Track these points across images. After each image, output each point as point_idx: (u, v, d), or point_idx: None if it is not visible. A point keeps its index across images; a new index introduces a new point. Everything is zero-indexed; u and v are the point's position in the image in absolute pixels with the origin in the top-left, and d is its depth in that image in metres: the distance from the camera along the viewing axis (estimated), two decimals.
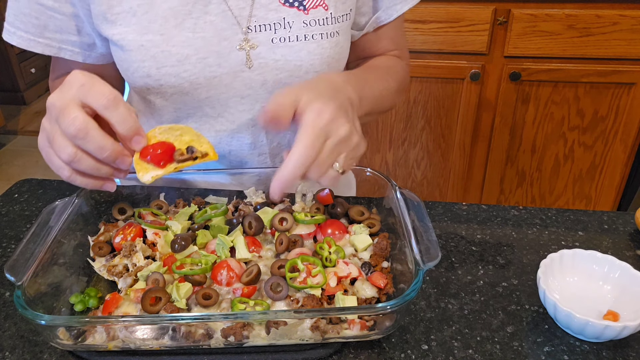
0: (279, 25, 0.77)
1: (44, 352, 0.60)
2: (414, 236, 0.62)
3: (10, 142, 3.16)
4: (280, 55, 0.79)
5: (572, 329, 0.60)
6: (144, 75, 0.77)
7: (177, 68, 0.76)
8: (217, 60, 0.77)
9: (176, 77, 0.77)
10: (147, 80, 0.78)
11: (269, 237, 0.71)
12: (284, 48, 0.79)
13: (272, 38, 0.78)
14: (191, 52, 0.76)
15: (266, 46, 0.78)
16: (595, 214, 0.82)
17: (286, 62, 0.79)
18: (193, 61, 0.77)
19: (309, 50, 0.79)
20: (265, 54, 0.79)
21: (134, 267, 0.66)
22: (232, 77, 0.79)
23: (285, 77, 0.80)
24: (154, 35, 0.74)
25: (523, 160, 1.80)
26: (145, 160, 0.60)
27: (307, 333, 0.57)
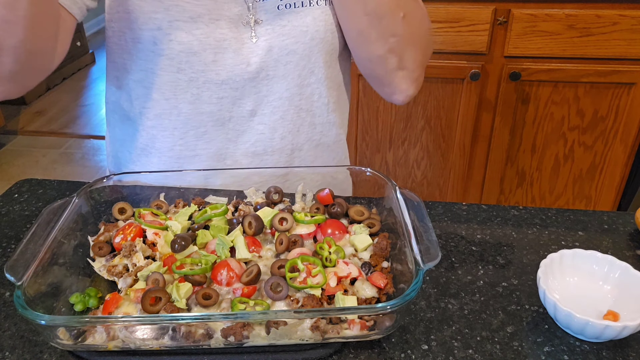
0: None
1: (44, 352, 0.60)
2: (414, 236, 0.62)
3: (10, 142, 3.16)
4: (287, 21, 0.81)
5: (572, 329, 0.60)
6: (154, 28, 0.77)
7: (190, 24, 0.77)
8: (227, 24, 0.78)
9: (187, 34, 0.77)
10: (156, 34, 0.77)
11: (269, 237, 0.71)
12: (290, 14, 0.81)
13: (277, 5, 0.80)
14: (204, 12, 0.77)
15: (272, 13, 0.80)
16: (595, 214, 0.82)
17: (292, 27, 0.81)
18: (206, 20, 0.77)
19: (314, 16, 0.81)
20: (272, 21, 0.80)
21: (134, 267, 0.66)
22: (240, 43, 0.80)
23: (291, 43, 0.82)
24: None
25: (523, 160, 1.80)
26: None
27: (307, 333, 0.57)
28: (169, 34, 0.77)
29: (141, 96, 0.86)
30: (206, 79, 0.82)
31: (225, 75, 0.82)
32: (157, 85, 0.84)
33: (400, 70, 0.83)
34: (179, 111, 0.86)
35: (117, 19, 0.80)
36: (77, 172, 2.84)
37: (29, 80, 0.76)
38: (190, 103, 0.85)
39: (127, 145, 0.94)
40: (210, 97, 0.84)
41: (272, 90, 0.86)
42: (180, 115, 0.86)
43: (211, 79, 0.82)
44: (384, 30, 0.78)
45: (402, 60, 0.82)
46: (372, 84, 0.90)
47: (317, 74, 0.87)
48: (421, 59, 0.85)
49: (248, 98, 0.85)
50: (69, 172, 2.83)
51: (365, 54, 0.84)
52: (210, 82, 0.83)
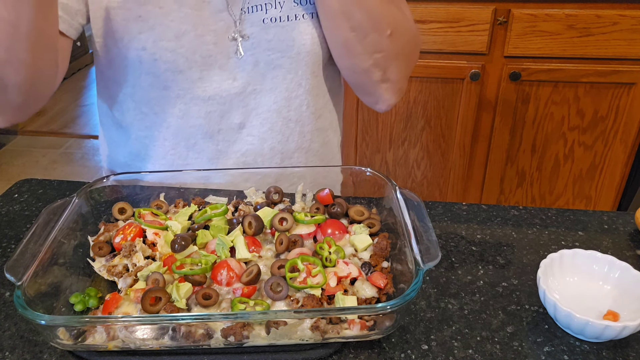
0: (270, 5, 0.79)
1: (44, 352, 0.60)
2: (414, 236, 0.62)
3: (10, 142, 3.16)
4: (272, 35, 0.80)
5: (572, 329, 0.60)
6: (139, 48, 0.76)
7: (174, 43, 0.76)
8: (214, 39, 0.78)
9: (172, 53, 0.76)
10: (141, 54, 0.76)
11: (269, 237, 0.71)
12: (276, 28, 0.80)
13: (263, 18, 0.79)
14: (189, 28, 0.76)
15: (258, 27, 0.79)
16: (595, 214, 0.82)
17: (278, 42, 0.80)
18: (191, 37, 0.76)
19: (300, 30, 0.80)
20: (257, 35, 0.79)
21: (134, 267, 0.66)
22: (225, 57, 0.80)
23: (277, 57, 0.81)
24: (152, 7, 0.74)
25: (523, 160, 1.80)
26: None
27: (307, 333, 0.57)
28: (154, 53, 0.77)
29: (131, 109, 0.87)
30: (193, 95, 0.82)
31: (212, 91, 0.82)
32: (145, 100, 0.84)
33: (384, 83, 0.82)
34: (168, 124, 0.86)
35: (101, 35, 0.79)
36: (77, 172, 2.84)
37: (34, 106, 0.77)
38: (179, 117, 0.85)
39: (122, 149, 0.94)
40: (199, 111, 0.84)
41: (260, 103, 0.86)
42: (169, 127, 0.86)
43: (198, 95, 0.82)
44: (369, 45, 0.77)
45: (386, 74, 0.81)
46: (355, 92, 0.89)
47: (305, 85, 0.87)
48: (405, 70, 0.85)
49: (236, 111, 0.85)
50: (69, 172, 2.83)
51: (349, 66, 0.83)
52: (198, 98, 0.83)
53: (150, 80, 0.81)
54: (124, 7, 0.74)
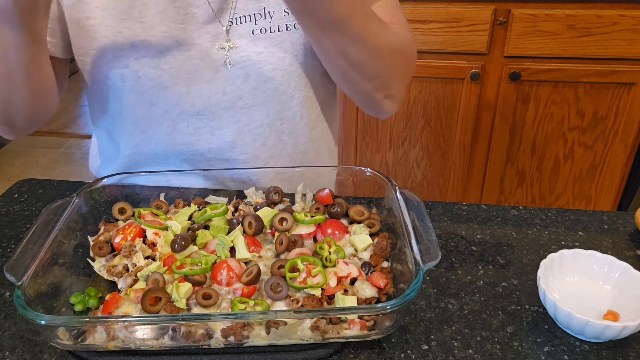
0: (259, 15, 0.75)
1: (44, 352, 0.60)
2: (414, 236, 0.62)
3: (10, 142, 3.16)
4: (262, 47, 0.76)
5: (572, 329, 0.60)
6: (121, 66, 0.73)
7: (157, 60, 0.73)
8: (199, 54, 0.74)
9: (156, 69, 0.73)
10: (123, 72, 0.74)
11: (269, 237, 0.71)
12: (266, 40, 0.76)
13: (252, 29, 0.75)
14: (173, 44, 0.72)
15: (247, 39, 0.76)
16: (595, 214, 0.82)
17: (269, 54, 0.77)
18: (175, 53, 0.73)
19: (292, 41, 0.77)
20: (247, 47, 0.76)
21: (133, 267, 0.66)
22: (214, 72, 0.76)
23: (269, 70, 0.78)
24: (132, 23, 0.71)
25: (523, 160, 1.80)
26: None
27: (307, 333, 0.57)
28: (137, 70, 0.74)
29: (118, 127, 0.85)
30: (181, 110, 0.79)
31: (201, 106, 0.79)
32: (131, 118, 0.82)
33: (386, 99, 0.80)
34: (156, 141, 0.83)
35: (84, 54, 0.77)
36: (77, 172, 2.84)
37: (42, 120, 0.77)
38: (167, 134, 0.82)
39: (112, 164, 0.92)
40: (187, 127, 0.81)
41: (253, 119, 0.82)
42: (158, 145, 0.84)
43: (186, 111, 0.79)
44: (368, 73, 0.74)
45: (387, 91, 0.79)
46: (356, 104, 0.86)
47: (298, 97, 0.84)
48: (405, 82, 0.82)
49: (227, 128, 0.82)
50: (69, 172, 2.83)
51: (349, 90, 0.80)
52: (186, 113, 0.80)
53: (135, 98, 0.78)
54: (103, 24, 0.71)
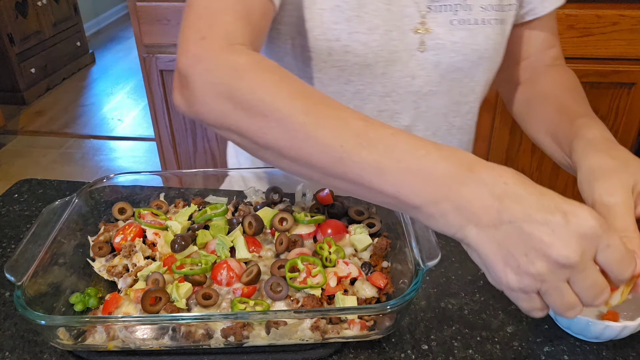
0: (460, 6, 0.77)
1: (44, 352, 0.60)
2: (414, 236, 0.62)
3: (10, 142, 3.16)
4: (458, 38, 0.78)
5: (572, 329, 0.60)
6: (333, 39, 0.74)
7: (368, 36, 0.74)
8: (399, 35, 0.76)
9: (364, 46, 0.74)
10: (333, 45, 0.74)
11: (269, 237, 0.71)
12: (463, 31, 0.78)
13: (451, 20, 0.77)
14: (380, 23, 0.74)
15: (445, 27, 0.77)
16: None
17: (464, 45, 0.78)
18: (381, 31, 0.75)
19: (485, 35, 0.78)
20: (443, 36, 0.77)
21: (133, 267, 0.66)
22: (409, 55, 0.78)
23: (460, 60, 0.79)
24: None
25: (523, 160, 1.80)
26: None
27: (307, 333, 0.57)
28: (347, 45, 0.74)
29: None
30: (372, 91, 0.80)
31: (390, 88, 0.80)
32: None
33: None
34: None
35: (287, 23, 0.76)
36: (77, 172, 2.84)
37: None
38: None
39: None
40: (372, 109, 0.82)
41: (431, 106, 0.84)
42: None
43: (376, 92, 0.80)
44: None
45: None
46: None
47: (477, 92, 0.85)
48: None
49: (406, 113, 0.83)
50: (69, 172, 2.83)
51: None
52: (375, 94, 0.81)
53: (334, 74, 0.78)
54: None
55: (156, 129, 1.96)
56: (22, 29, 3.44)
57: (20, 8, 3.42)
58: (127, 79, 4.00)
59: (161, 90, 1.86)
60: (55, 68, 3.82)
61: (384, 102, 0.82)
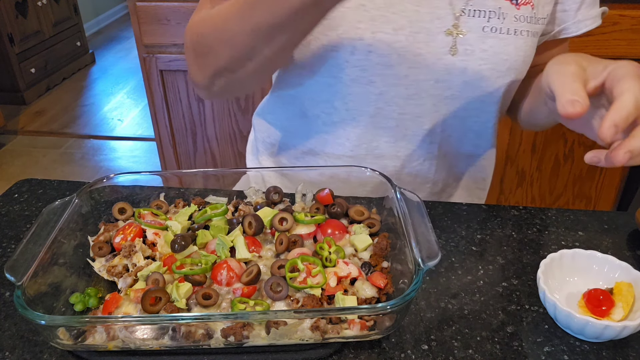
0: (494, 14, 0.76)
1: (44, 352, 0.60)
2: (414, 236, 0.62)
3: (10, 142, 3.16)
4: (488, 46, 0.77)
5: (572, 329, 0.60)
6: (356, 38, 0.73)
7: (392, 37, 0.73)
8: (426, 38, 0.75)
9: (388, 47, 0.74)
10: (356, 44, 0.73)
11: (269, 237, 0.71)
12: (494, 39, 0.77)
13: (483, 26, 0.76)
14: (406, 24, 0.73)
15: (476, 33, 0.76)
16: (595, 214, 0.82)
17: (494, 53, 0.77)
18: (407, 32, 0.74)
19: (516, 46, 0.78)
20: (473, 42, 0.77)
21: (133, 267, 0.66)
22: (435, 58, 0.77)
23: (487, 69, 0.78)
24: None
25: (523, 160, 1.80)
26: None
27: (307, 333, 0.57)
28: (370, 44, 0.74)
29: (323, 101, 0.84)
30: (395, 93, 0.80)
31: (413, 91, 0.79)
32: (342, 94, 0.81)
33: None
34: (357, 123, 0.83)
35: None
36: (77, 172, 2.84)
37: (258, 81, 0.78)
38: (372, 117, 0.82)
39: (296, 140, 0.91)
40: (393, 112, 0.81)
41: (451, 109, 0.83)
42: (357, 127, 0.83)
43: (399, 94, 0.80)
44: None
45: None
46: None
47: (499, 101, 0.84)
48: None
49: (427, 117, 0.82)
50: (69, 172, 2.83)
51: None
52: (399, 97, 0.80)
53: (356, 74, 0.78)
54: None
55: (156, 129, 1.96)
56: (22, 29, 3.44)
57: (20, 8, 3.42)
58: (127, 79, 4.00)
59: (161, 90, 1.86)
60: (55, 68, 3.82)
61: (407, 104, 0.81)
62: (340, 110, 0.83)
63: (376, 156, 0.86)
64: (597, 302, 0.60)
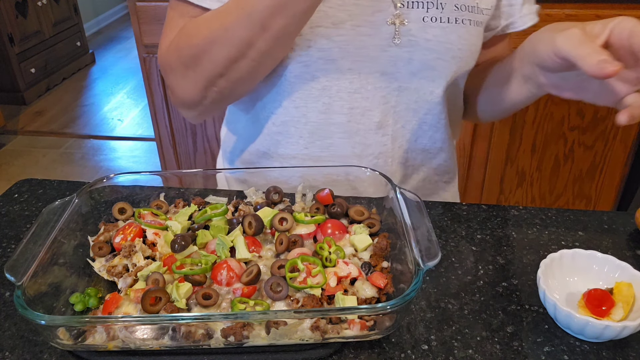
0: (432, 4, 0.77)
1: (44, 352, 0.60)
2: (414, 236, 0.62)
3: (10, 142, 3.16)
4: (432, 35, 0.78)
5: (572, 329, 0.60)
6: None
7: (331, 30, 0.74)
8: (369, 31, 0.76)
9: (328, 40, 0.75)
10: (296, 40, 0.74)
11: (269, 237, 0.71)
12: (436, 28, 0.78)
13: (423, 16, 0.77)
14: (346, 18, 0.74)
15: (417, 24, 0.77)
16: (595, 214, 0.82)
17: (437, 43, 0.78)
18: (347, 27, 0.75)
19: (459, 34, 0.79)
20: (416, 32, 0.78)
21: (133, 267, 0.66)
22: (379, 50, 0.78)
23: (432, 58, 0.79)
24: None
25: (523, 160, 1.80)
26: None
27: (307, 333, 0.57)
28: (310, 40, 0.75)
29: (271, 101, 0.84)
30: (339, 87, 0.80)
31: (358, 84, 0.80)
32: (288, 92, 0.82)
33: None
34: (307, 119, 0.84)
35: None
36: (77, 172, 2.84)
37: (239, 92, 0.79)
38: (321, 112, 0.83)
39: (250, 145, 0.91)
40: (342, 107, 0.82)
41: (401, 102, 0.84)
42: (307, 124, 0.84)
43: (344, 88, 0.80)
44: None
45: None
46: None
47: (449, 90, 0.85)
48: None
49: (377, 109, 0.83)
50: (69, 172, 2.83)
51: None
52: (344, 91, 0.81)
53: (298, 70, 0.79)
54: None
55: (156, 129, 1.96)
56: (22, 29, 3.44)
57: (20, 8, 3.42)
58: (127, 79, 4.00)
59: (161, 90, 1.86)
60: (55, 68, 3.82)
61: (353, 98, 0.82)
62: (289, 109, 0.84)
63: (331, 154, 0.86)
64: (597, 302, 0.60)
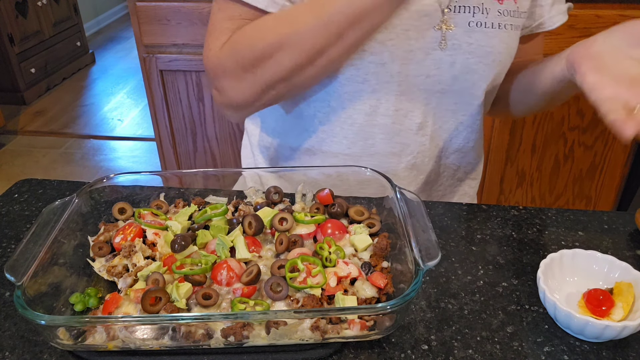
0: (478, 9, 0.80)
1: (44, 352, 0.60)
2: (414, 236, 0.62)
3: (10, 142, 3.16)
4: (474, 40, 0.80)
5: (572, 329, 0.60)
6: None
7: (384, 35, 0.76)
8: (416, 34, 0.78)
9: (381, 45, 0.77)
10: None
11: (269, 237, 0.71)
12: (479, 33, 0.80)
13: (469, 21, 0.80)
14: (397, 22, 0.76)
15: (462, 28, 0.80)
16: (595, 214, 0.82)
17: (479, 47, 0.81)
18: (398, 31, 0.77)
19: (500, 39, 0.81)
20: (459, 37, 0.80)
21: (133, 267, 0.66)
22: (424, 54, 0.80)
23: (474, 62, 0.82)
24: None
25: (523, 160, 1.80)
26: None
27: (307, 333, 0.57)
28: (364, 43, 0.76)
29: (319, 100, 0.85)
30: (388, 90, 0.82)
31: (405, 87, 0.82)
32: (338, 93, 0.83)
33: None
34: (353, 121, 0.85)
35: None
36: (77, 172, 2.84)
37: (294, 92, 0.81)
38: (367, 114, 0.84)
39: (292, 140, 0.92)
40: (387, 109, 0.84)
41: (441, 103, 0.86)
42: (353, 125, 0.86)
43: (392, 91, 0.82)
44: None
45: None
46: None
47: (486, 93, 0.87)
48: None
49: (418, 110, 0.85)
50: (69, 172, 2.83)
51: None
52: (391, 93, 0.82)
53: (350, 73, 0.80)
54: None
55: (156, 129, 1.96)
56: (22, 29, 3.44)
57: (20, 8, 3.42)
58: (127, 79, 4.00)
59: (161, 90, 1.86)
60: (55, 68, 3.82)
61: (399, 101, 0.83)
62: (336, 109, 0.85)
63: (372, 154, 0.88)
64: (597, 302, 0.60)
